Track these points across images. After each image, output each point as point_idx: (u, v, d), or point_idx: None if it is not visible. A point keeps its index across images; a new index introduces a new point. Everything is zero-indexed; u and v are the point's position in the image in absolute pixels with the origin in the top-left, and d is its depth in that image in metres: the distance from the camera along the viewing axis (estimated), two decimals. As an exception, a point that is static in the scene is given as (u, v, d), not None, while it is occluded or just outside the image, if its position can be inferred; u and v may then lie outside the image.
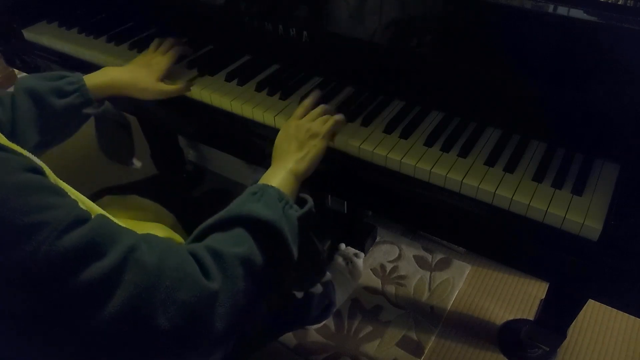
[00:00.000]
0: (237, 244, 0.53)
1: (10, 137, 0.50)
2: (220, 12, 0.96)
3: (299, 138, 0.73)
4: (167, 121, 1.07)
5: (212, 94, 0.90)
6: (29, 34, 1.14)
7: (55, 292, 0.39)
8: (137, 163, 0.95)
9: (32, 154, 0.46)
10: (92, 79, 0.81)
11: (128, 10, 1.14)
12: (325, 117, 0.77)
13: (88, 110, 0.80)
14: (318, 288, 0.75)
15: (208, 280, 0.48)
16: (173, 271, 0.46)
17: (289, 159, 0.70)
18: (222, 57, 0.98)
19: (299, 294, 0.83)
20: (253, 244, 0.54)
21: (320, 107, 0.79)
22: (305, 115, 0.78)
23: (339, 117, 0.78)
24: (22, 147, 0.46)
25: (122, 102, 0.88)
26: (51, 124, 0.77)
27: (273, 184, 0.64)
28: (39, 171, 0.43)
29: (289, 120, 0.77)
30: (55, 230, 0.39)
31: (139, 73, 0.87)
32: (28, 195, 0.39)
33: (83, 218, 0.42)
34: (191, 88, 0.92)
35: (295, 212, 0.61)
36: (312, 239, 0.65)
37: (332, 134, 0.77)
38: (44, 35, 1.12)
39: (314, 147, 0.73)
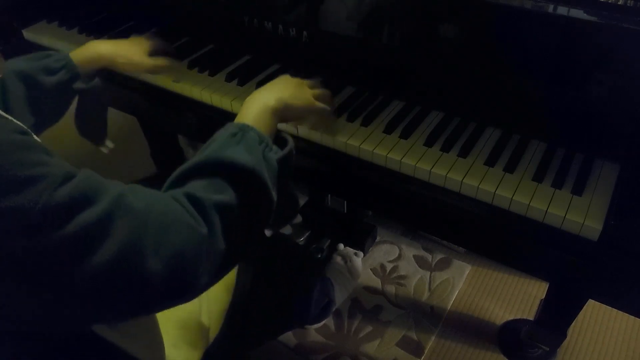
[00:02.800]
0: (217, 191, 0.53)
1: None
2: (220, 12, 0.96)
3: (291, 86, 0.71)
4: (167, 121, 1.07)
5: (212, 94, 0.90)
6: (29, 34, 1.14)
7: (52, 237, 0.40)
8: (109, 144, 0.97)
9: None
10: (77, 54, 0.82)
11: (128, 10, 1.14)
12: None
13: (78, 85, 0.81)
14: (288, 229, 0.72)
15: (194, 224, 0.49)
16: (160, 215, 0.47)
17: (271, 95, 0.67)
18: (222, 57, 0.98)
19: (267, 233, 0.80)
20: (233, 191, 0.53)
21: (327, 92, 0.77)
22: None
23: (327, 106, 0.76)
24: None
25: (122, 101, 0.89)
26: (43, 103, 0.78)
27: (249, 119, 0.63)
28: (29, 135, 0.46)
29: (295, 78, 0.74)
30: (52, 184, 0.41)
31: (125, 46, 0.88)
32: (24, 152, 0.42)
33: (73, 174, 0.44)
34: (194, 88, 0.91)
35: (275, 154, 0.60)
36: (287, 179, 0.64)
37: (319, 99, 0.74)
38: (44, 35, 1.12)
39: (301, 97, 0.70)
